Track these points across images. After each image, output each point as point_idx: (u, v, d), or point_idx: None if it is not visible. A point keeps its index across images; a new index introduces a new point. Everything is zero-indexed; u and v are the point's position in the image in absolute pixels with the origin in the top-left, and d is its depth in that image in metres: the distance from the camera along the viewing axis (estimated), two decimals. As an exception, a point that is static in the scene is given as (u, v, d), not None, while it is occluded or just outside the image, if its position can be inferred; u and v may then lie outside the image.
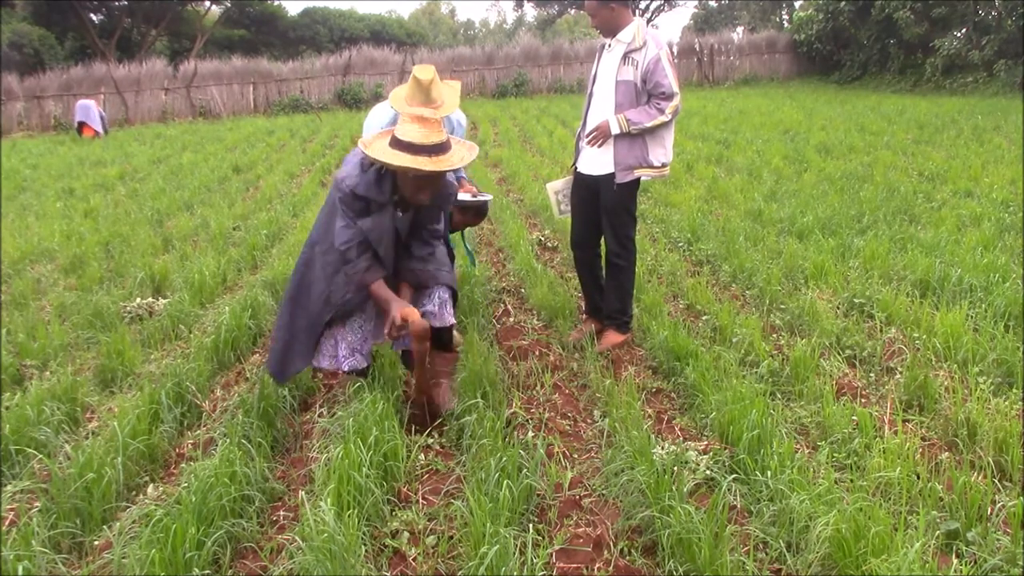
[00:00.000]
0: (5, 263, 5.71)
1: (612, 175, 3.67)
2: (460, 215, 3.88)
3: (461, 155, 2.89)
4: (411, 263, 3.09)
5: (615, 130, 3.59)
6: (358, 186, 2.89)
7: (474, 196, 3.85)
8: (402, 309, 2.87)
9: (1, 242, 6.20)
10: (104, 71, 21.88)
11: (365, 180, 2.90)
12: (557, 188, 4.04)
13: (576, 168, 3.89)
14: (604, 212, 3.78)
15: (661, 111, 3.56)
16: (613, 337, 3.85)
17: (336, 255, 2.94)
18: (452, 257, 3.80)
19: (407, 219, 3.03)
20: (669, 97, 3.56)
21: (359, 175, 2.91)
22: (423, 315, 3.03)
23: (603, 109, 3.67)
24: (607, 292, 3.92)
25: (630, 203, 3.78)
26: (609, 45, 3.66)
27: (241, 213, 7.42)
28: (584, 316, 4.16)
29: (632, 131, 3.57)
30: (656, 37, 3.61)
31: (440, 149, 2.79)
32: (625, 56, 3.57)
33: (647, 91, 3.58)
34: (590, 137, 3.65)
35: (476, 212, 3.93)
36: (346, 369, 3.06)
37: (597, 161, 3.72)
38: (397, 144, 2.78)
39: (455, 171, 3.76)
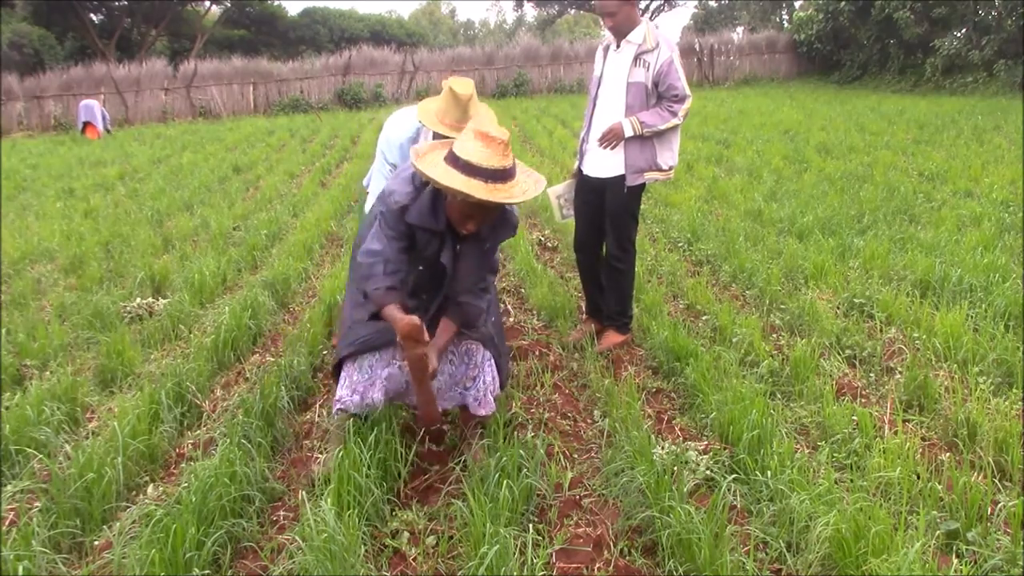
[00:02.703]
0: (5, 263, 5.71)
1: (621, 177, 3.63)
2: None
3: (525, 188, 2.43)
4: (460, 296, 2.62)
5: (628, 132, 3.54)
6: (410, 211, 2.47)
7: None
8: (407, 324, 2.38)
9: (1, 242, 6.20)
10: (104, 71, 21.88)
11: (419, 205, 2.47)
12: (559, 192, 3.99)
13: (580, 170, 3.84)
14: (608, 214, 3.75)
15: (674, 113, 3.53)
16: (613, 337, 3.84)
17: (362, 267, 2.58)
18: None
19: (457, 251, 2.60)
20: (682, 100, 3.53)
21: (410, 193, 2.49)
22: (459, 402, 2.74)
23: (612, 111, 3.61)
24: (606, 294, 3.91)
25: (635, 206, 3.76)
26: (617, 47, 3.59)
27: (241, 213, 7.42)
28: (584, 316, 4.15)
29: (645, 133, 3.53)
30: (667, 39, 3.57)
31: (502, 176, 2.35)
32: (637, 58, 3.51)
33: (658, 93, 3.55)
34: (602, 140, 3.59)
35: None
36: (338, 408, 2.68)
37: (606, 163, 3.66)
38: (453, 161, 2.36)
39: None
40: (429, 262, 2.58)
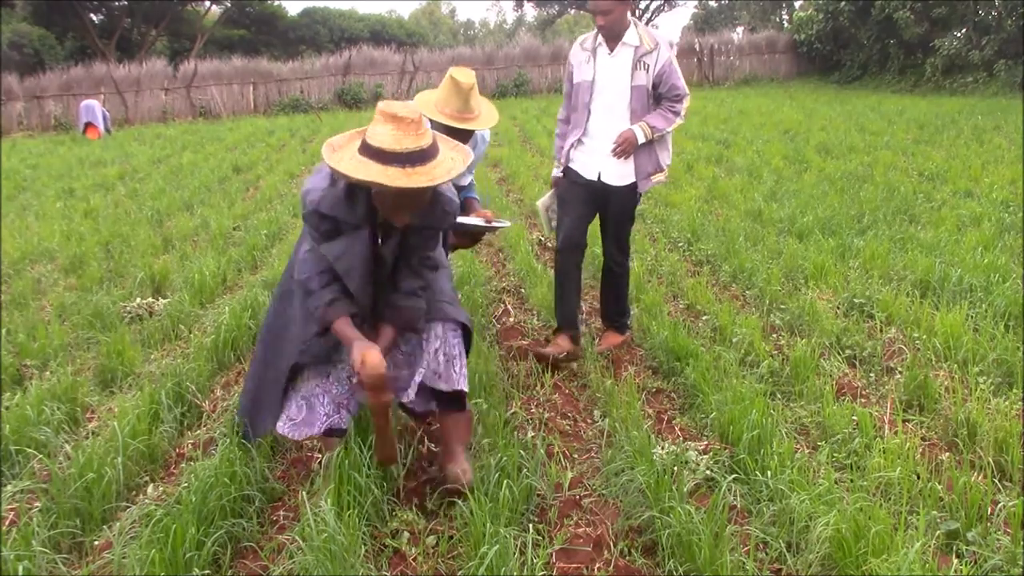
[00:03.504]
0: (5, 263, 5.71)
1: (632, 185, 3.56)
2: (454, 237, 3.42)
3: (449, 167, 2.23)
4: (396, 299, 2.45)
5: (641, 139, 3.44)
6: (322, 202, 2.30)
7: (488, 222, 3.43)
8: (363, 350, 2.24)
9: (1, 242, 6.20)
10: (104, 71, 21.89)
11: (332, 195, 2.30)
12: (547, 204, 3.87)
13: (567, 172, 3.65)
14: (612, 219, 3.67)
15: (677, 114, 3.48)
16: (613, 338, 3.83)
17: (300, 288, 2.44)
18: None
19: (392, 246, 2.42)
20: (683, 99, 3.48)
21: (325, 188, 2.32)
22: (423, 377, 2.50)
23: (615, 117, 3.49)
24: (604, 297, 3.88)
25: (635, 210, 3.74)
26: (610, 50, 3.45)
27: (241, 213, 7.42)
28: (564, 334, 3.67)
29: (655, 138, 3.48)
30: (663, 37, 3.50)
31: (420, 157, 2.17)
32: (638, 60, 3.41)
33: (657, 94, 3.47)
34: (618, 150, 3.45)
35: (472, 237, 3.56)
36: (323, 430, 2.52)
37: (616, 171, 3.54)
38: (366, 150, 2.19)
39: (460, 186, 3.32)
40: (356, 258, 2.38)
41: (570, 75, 3.61)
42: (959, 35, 18.96)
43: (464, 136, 2.98)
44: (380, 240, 2.40)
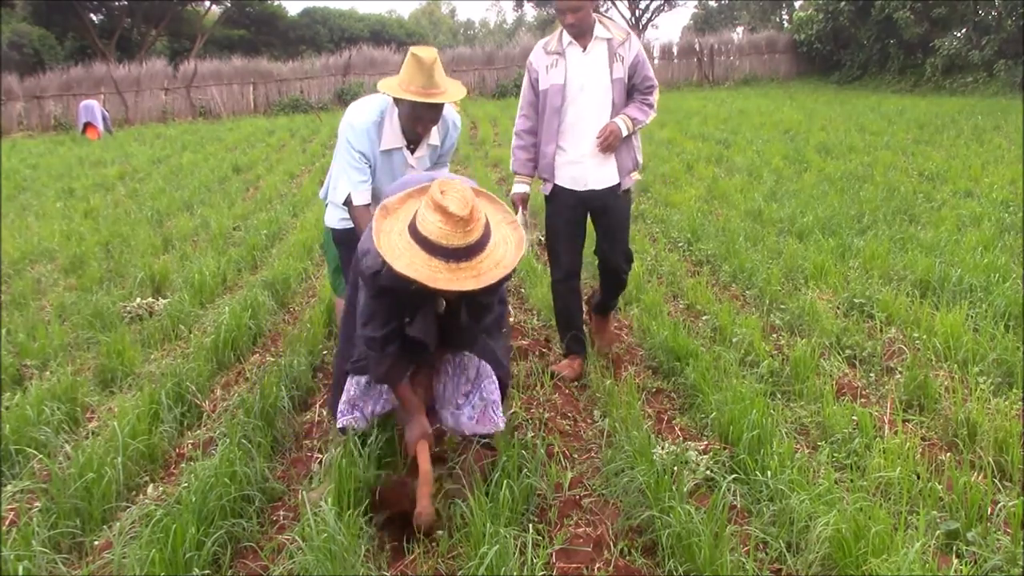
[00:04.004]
0: (5, 263, 5.71)
1: (617, 185, 3.41)
2: None
3: (498, 258, 2.10)
4: (454, 332, 2.48)
5: (624, 132, 3.30)
6: (384, 276, 2.22)
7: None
8: (417, 441, 2.36)
9: (1, 242, 6.20)
10: (104, 71, 21.89)
11: (390, 271, 2.14)
12: (522, 222, 3.56)
13: (555, 186, 3.46)
14: (611, 224, 3.48)
15: (651, 106, 3.38)
16: (606, 325, 3.85)
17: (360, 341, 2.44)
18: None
19: (455, 310, 2.39)
20: (654, 90, 3.38)
21: (378, 256, 2.16)
22: (459, 426, 2.55)
23: (594, 116, 3.33)
24: (605, 294, 3.75)
25: (630, 211, 3.61)
26: (584, 48, 3.28)
27: (241, 213, 7.42)
28: (572, 355, 3.63)
29: (636, 131, 3.38)
30: (627, 27, 3.38)
31: (466, 254, 2.05)
32: (614, 52, 3.28)
33: (631, 86, 3.35)
34: (603, 143, 3.29)
35: None
36: (340, 426, 2.60)
37: (598, 174, 3.38)
38: (414, 233, 2.07)
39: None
40: (421, 314, 2.38)
41: (533, 82, 3.40)
42: (959, 35, 18.95)
43: (434, 112, 2.88)
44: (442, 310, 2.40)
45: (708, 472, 2.58)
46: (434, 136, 3.04)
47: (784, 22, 30.56)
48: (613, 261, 3.55)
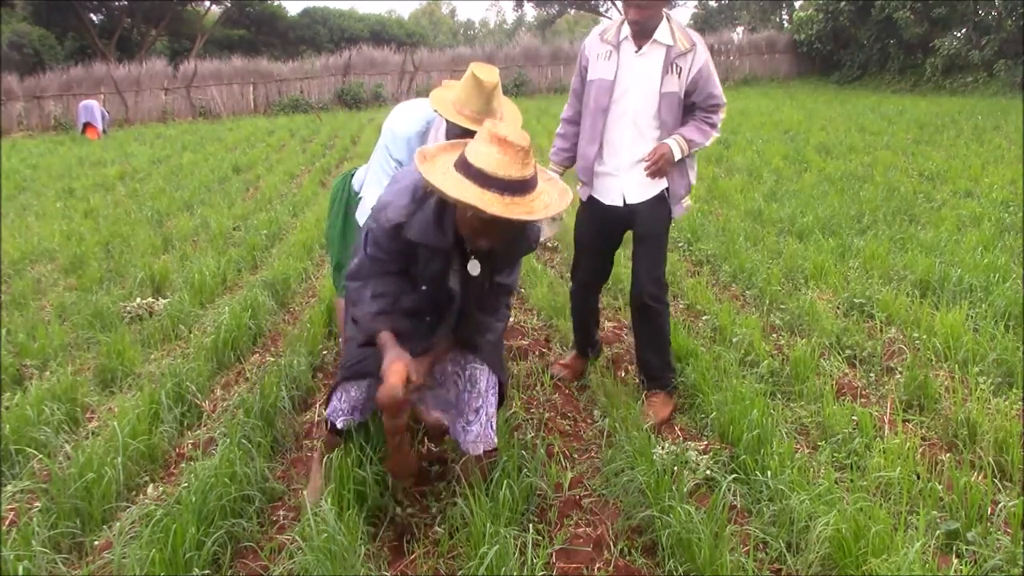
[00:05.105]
0: (5, 263, 5.71)
1: (658, 198, 3.04)
2: None
3: (547, 202, 2.08)
4: (463, 328, 2.40)
5: (678, 156, 2.93)
6: (410, 227, 2.16)
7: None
8: (392, 361, 2.16)
9: (1, 242, 6.20)
10: (104, 71, 21.87)
11: (421, 219, 2.15)
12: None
13: (590, 200, 3.18)
14: (643, 240, 3.10)
15: (714, 126, 2.97)
16: (666, 405, 3.13)
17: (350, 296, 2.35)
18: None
19: (477, 275, 2.29)
20: (720, 109, 2.98)
21: (408, 207, 2.16)
22: (465, 435, 2.43)
23: (640, 128, 2.96)
24: (643, 347, 3.22)
25: (667, 227, 3.15)
26: (638, 48, 2.89)
27: (241, 213, 7.42)
28: (574, 353, 3.58)
29: (692, 153, 3.00)
30: (699, 37, 2.93)
31: (520, 187, 2.02)
32: (670, 63, 2.86)
33: (690, 102, 2.95)
34: (652, 168, 2.94)
35: None
36: (340, 425, 2.45)
37: (638, 187, 3.04)
38: (465, 168, 2.03)
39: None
40: (434, 282, 2.29)
41: (583, 70, 3.05)
42: (959, 35, 18.96)
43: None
44: (463, 264, 2.29)
45: (708, 472, 2.58)
46: None
47: (784, 22, 30.56)
48: (640, 280, 3.10)
